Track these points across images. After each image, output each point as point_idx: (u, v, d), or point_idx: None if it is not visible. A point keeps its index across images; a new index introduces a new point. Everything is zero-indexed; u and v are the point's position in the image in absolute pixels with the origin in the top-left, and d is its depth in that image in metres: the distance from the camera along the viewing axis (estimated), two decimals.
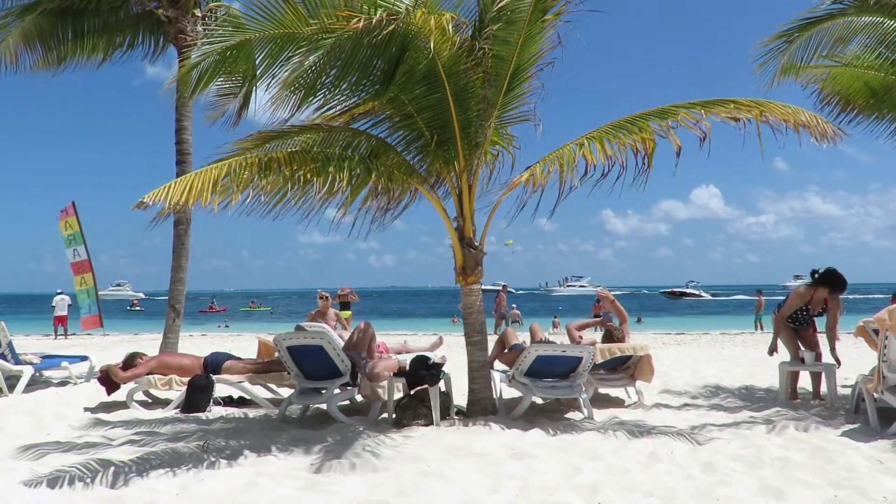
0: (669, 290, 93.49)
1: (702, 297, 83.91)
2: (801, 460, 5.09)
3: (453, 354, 10.45)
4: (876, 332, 6.94)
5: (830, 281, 7.54)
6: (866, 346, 7.82)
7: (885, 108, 8.35)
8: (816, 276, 7.63)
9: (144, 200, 5.47)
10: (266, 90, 6.68)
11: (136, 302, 73.09)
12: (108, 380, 7.82)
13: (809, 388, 8.27)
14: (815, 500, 4.18)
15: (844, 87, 8.52)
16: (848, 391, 7.79)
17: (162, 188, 5.56)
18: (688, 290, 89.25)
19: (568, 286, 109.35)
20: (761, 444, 5.62)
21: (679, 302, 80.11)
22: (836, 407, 7.26)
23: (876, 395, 6.15)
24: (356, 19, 5.58)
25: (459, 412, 7.11)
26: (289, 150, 6.51)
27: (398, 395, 7.19)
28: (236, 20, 6.86)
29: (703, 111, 6.18)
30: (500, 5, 6.47)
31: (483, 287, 7.36)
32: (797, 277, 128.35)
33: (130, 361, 7.97)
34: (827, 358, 7.78)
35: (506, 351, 7.80)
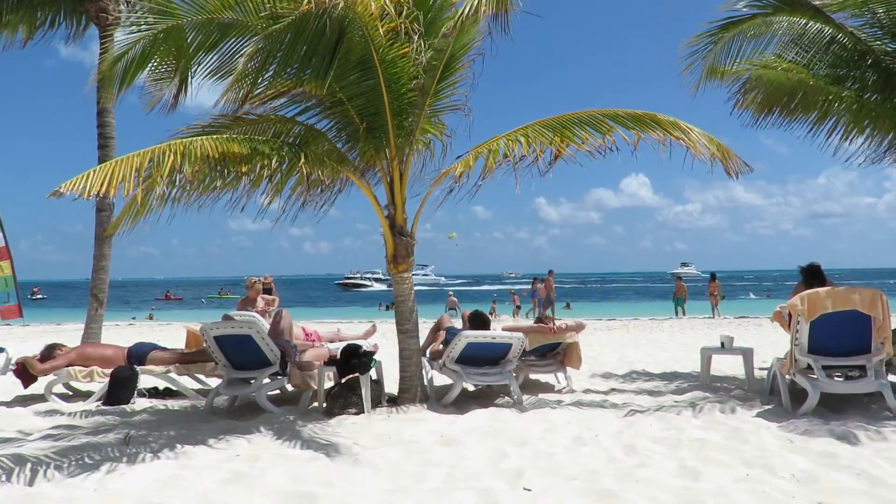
0: (342, 281, 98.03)
1: (371, 287, 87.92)
2: (718, 441, 5.30)
3: (387, 342, 10.44)
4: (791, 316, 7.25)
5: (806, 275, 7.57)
6: (783, 330, 8.16)
7: (801, 107, 8.67)
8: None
9: (60, 190, 5.23)
10: (202, 77, 6.54)
11: (36, 290, 70.19)
12: (25, 372, 7.54)
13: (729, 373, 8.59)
14: (727, 478, 4.36)
15: (764, 86, 8.80)
16: (764, 373, 8.12)
17: (80, 176, 5.32)
18: (359, 281, 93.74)
19: (414, 274, 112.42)
20: (681, 426, 5.83)
21: (350, 293, 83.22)
22: (753, 389, 7.57)
23: (788, 376, 6.44)
24: (307, 1, 5.51)
25: (391, 400, 7.13)
26: (215, 136, 6.36)
27: (329, 383, 7.16)
28: (163, 4, 6.60)
29: (634, 132, 6.52)
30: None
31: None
32: (684, 265, 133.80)
33: (49, 353, 7.69)
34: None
35: (440, 343, 7.81)
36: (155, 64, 7.08)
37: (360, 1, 5.79)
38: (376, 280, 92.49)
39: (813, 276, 7.03)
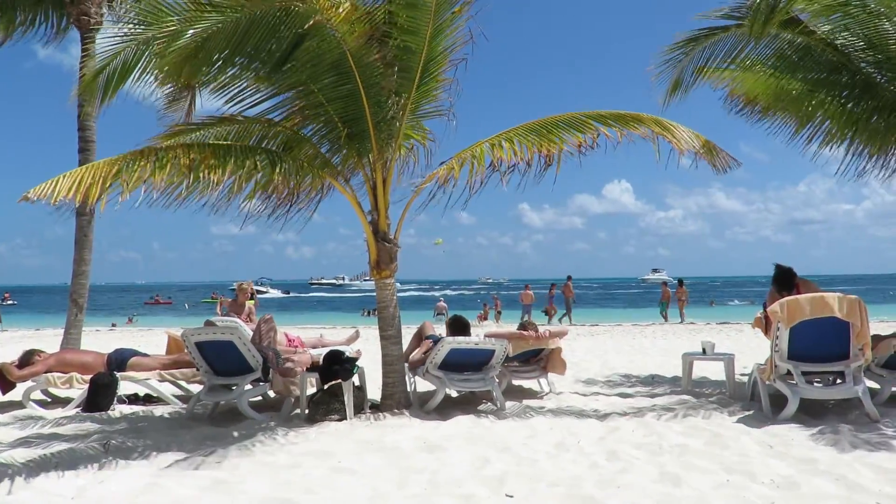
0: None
1: (268, 293, 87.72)
2: (699, 447, 5.32)
3: (371, 348, 10.41)
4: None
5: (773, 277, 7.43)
6: (763, 336, 8.22)
7: (783, 110, 8.76)
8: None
9: (29, 195, 5.20)
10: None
11: (7, 295, 69.16)
12: (3, 378, 7.45)
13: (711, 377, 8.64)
14: (708, 484, 4.39)
15: (748, 90, 8.90)
16: (745, 379, 8.18)
17: (49, 182, 5.30)
18: (256, 288, 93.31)
19: (365, 280, 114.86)
20: (663, 431, 5.85)
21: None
22: (734, 394, 7.62)
23: (768, 382, 6.49)
24: None
25: (373, 406, 7.10)
26: (189, 140, 6.32)
27: (311, 390, 7.13)
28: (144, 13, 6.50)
29: (617, 130, 6.59)
30: None
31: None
32: (655, 271, 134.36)
33: (27, 359, 7.60)
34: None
35: (423, 351, 7.79)
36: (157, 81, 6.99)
37: (328, 5, 5.77)
38: (272, 287, 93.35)
39: (779, 281, 7.07)
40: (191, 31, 5.80)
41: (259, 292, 28.42)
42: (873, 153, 8.74)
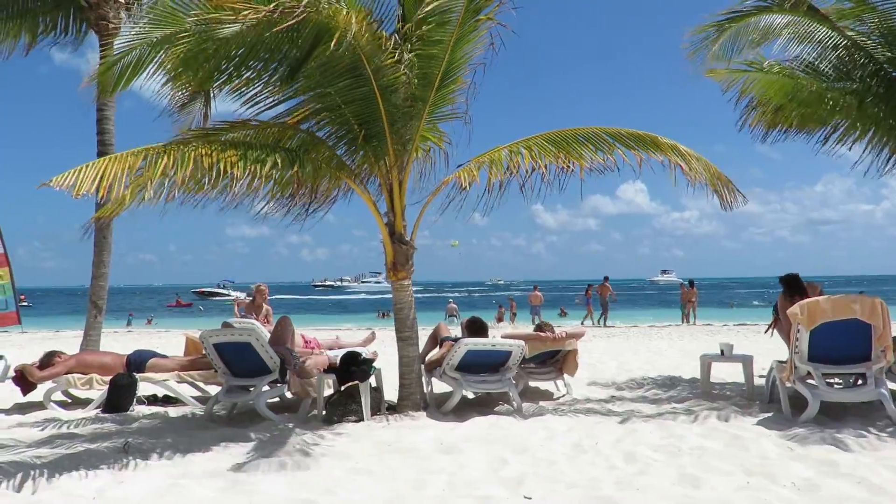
0: (200, 290, 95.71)
1: (230, 296, 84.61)
2: (718, 449, 5.29)
3: (387, 349, 10.43)
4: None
5: (785, 285, 7.46)
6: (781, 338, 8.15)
7: (800, 112, 8.67)
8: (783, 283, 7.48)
9: (51, 184, 5.21)
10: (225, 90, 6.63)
11: (22, 297, 69.74)
12: (24, 379, 7.52)
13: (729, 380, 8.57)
14: (728, 486, 4.36)
15: (762, 91, 8.81)
16: (764, 381, 8.11)
17: (71, 172, 5.28)
18: (216, 290, 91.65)
19: (363, 281, 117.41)
20: (681, 433, 5.82)
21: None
22: (752, 396, 7.56)
23: (788, 384, 6.44)
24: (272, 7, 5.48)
25: (390, 407, 7.11)
26: (211, 140, 6.35)
27: (328, 391, 7.15)
28: (164, 11, 6.55)
29: (635, 153, 6.69)
30: (430, 7, 6.46)
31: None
32: (664, 272, 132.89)
33: (48, 360, 7.68)
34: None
35: (437, 350, 7.79)
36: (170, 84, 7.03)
37: (339, 11, 5.77)
38: (234, 290, 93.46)
39: (790, 285, 7.13)
40: (202, 36, 5.81)
41: (220, 294, 28.38)
42: (893, 151, 8.64)
